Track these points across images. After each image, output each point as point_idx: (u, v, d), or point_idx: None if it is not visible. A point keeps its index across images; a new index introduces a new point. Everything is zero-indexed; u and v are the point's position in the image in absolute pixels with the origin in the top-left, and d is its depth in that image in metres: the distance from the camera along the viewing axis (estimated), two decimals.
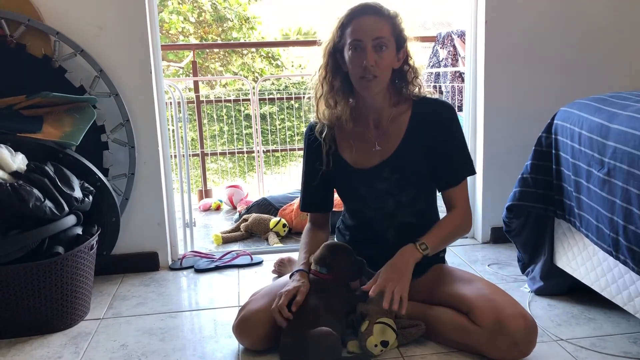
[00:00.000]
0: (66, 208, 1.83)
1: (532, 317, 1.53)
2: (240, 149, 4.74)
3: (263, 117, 5.24)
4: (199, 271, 2.37)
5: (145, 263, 2.38)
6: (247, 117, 4.93)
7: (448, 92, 3.58)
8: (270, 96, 5.16)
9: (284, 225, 2.86)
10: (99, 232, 2.01)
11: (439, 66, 3.70)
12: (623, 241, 1.49)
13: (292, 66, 11.16)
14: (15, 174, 1.80)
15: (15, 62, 2.16)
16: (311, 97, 1.77)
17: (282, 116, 5.75)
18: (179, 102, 2.66)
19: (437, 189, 1.79)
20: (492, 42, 2.43)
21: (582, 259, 1.80)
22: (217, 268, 2.39)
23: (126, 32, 2.22)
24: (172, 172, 2.47)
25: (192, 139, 5.28)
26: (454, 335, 1.59)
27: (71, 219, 1.87)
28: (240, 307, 1.70)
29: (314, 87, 1.75)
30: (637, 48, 2.54)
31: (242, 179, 6.19)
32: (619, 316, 1.79)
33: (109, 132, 2.25)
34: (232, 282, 2.26)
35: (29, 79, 2.17)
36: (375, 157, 1.72)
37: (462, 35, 3.43)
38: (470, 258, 2.42)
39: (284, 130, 5.81)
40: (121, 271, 2.36)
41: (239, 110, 4.84)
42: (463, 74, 3.19)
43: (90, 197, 1.97)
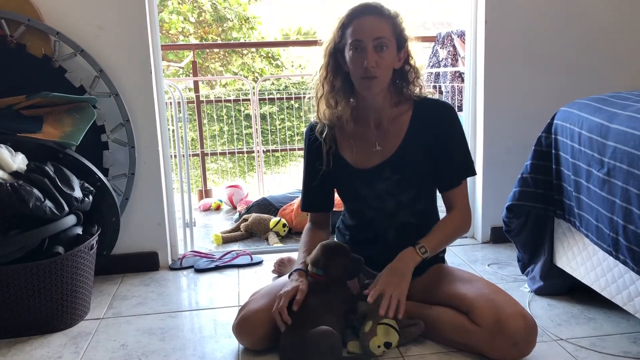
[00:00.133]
0: (66, 208, 1.83)
1: (532, 316, 1.53)
2: (240, 149, 4.74)
3: (263, 117, 5.25)
4: (199, 271, 2.37)
5: (145, 263, 2.38)
6: (247, 117, 4.94)
7: (448, 92, 3.58)
8: (270, 96, 5.16)
9: (284, 225, 2.86)
10: (99, 232, 2.01)
11: (439, 66, 3.71)
12: (623, 241, 1.49)
13: (292, 66, 11.17)
14: (15, 174, 1.80)
15: (15, 62, 2.16)
16: (312, 97, 1.77)
17: (282, 116, 5.75)
18: (179, 102, 2.66)
19: (438, 190, 1.79)
20: (492, 42, 2.43)
21: (582, 258, 1.80)
22: (217, 268, 2.39)
23: (126, 32, 2.22)
24: (172, 172, 2.47)
25: (192, 139, 5.28)
26: (454, 335, 1.59)
27: (71, 219, 1.87)
28: (240, 307, 1.70)
29: (314, 87, 1.75)
30: (637, 48, 2.54)
31: (242, 179, 6.19)
32: (618, 316, 1.79)
33: (109, 132, 2.25)
34: (232, 282, 2.26)
35: (29, 79, 2.18)
36: (376, 157, 1.72)
37: (462, 35, 3.43)
38: (470, 258, 2.42)
39: (283, 130, 5.81)
40: (121, 271, 2.36)
41: (239, 110, 4.84)
42: (463, 74, 3.19)
43: (90, 197, 1.97)
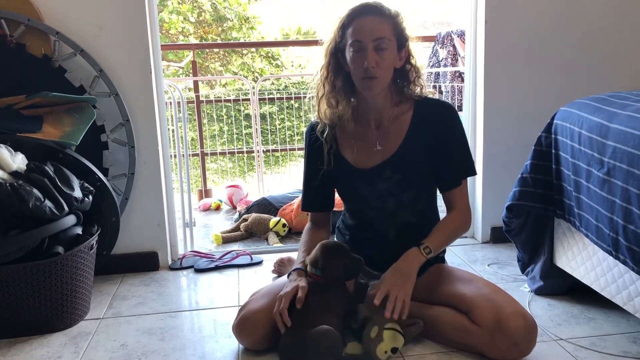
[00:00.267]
0: (66, 208, 1.83)
1: (532, 316, 1.53)
2: (240, 148, 4.74)
3: (263, 117, 5.25)
4: (199, 271, 2.37)
5: (145, 263, 2.38)
6: (247, 117, 4.94)
7: (448, 92, 3.58)
8: (270, 96, 5.17)
9: (284, 225, 2.86)
10: (98, 232, 2.01)
11: (439, 66, 3.71)
12: (623, 241, 1.49)
13: (292, 66, 11.16)
14: (15, 173, 1.80)
15: (15, 61, 2.16)
16: (313, 96, 1.77)
17: (282, 116, 5.75)
18: (178, 102, 2.66)
19: (438, 190, 1.79)
20: (492, 41, 2.43)
21: (582, 258, 1.80)
22: (217, 268, 2.39)
23: (126, 32, 2.22)
24: (172, 172, 2.47)
25: (192, 139, 5.28)
26: (454, 335, 1.59)
27: (71, 219, 1.87)
28: (240, 307, 1.70)
29: (315, 86, 1.75)
30: (637, 48, 2.54)
31: (242, 179, 6.19)
32: (618, 316, 1.79)
33: (108, 132, 2.25)
34: (232, 282, 2.26)
35: (29, 79, 2.17)
36: (377, 156, 1.72)
37: (461, 35, 3.43)
38: (470, 258, 2.42)
39: (283, 130, 5.81)
40: (121, 271, 2.36)
41: (239, 110, 4.84)
42: (463, 73, 3.19)
43: (90, 197, 1.97)
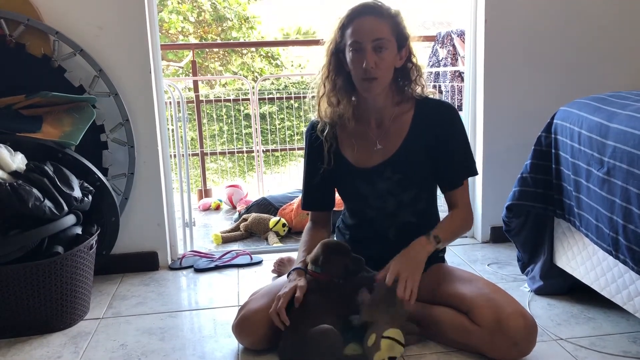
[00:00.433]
0: (65, 208, 1.83)
1: (531, 316, 1.53)
2: (239, 148, 4.73)
3: (263, 116, 5.24)
4: (199, 271, 2.37)
5: (145, 263, 2.37)
6: (247, 116, 4.93)
7: (448, 92, 3.58)
8: (270, 96, 5.17)
9: (284, 225, 2.86)
10: (98, 231, 2.01)
11: (439, 65, 3.70)
12: (623, 240, 1.49)
13: (292, 66, 11.16)
14: (14, 173, 1.80)
15: (15, 61, 2.16)
16: (314, 96, 1.77)
17: (282, 116, 5.75)
18: (178, 102, 2.66)
19: (439, 189, 1.79)
20: (492, 41, 2.43)
21: (582, 258, 1.80)
22: (217, 268, 2.39)
23: (126, 32, 2.22)
24: (171, 172, 2.47)
25: (192, 139, 5.28)
26: (454, 335, 1.59)
27: (71, 219, 1.87)
28: (239, 307, 1.70)
29: (316, 86, 1.75)
30: (637, 47, 2.54)
31: (242, 179, 6.19)
32: (618, 315, 1.79)
33: (108, 132, 2.25)
34: (231, 281, 2.26)
35: (29, 79, 2.17)
36: (377, 156, 1.72)
37: (461, 35, 3.43)
38: (470, 257, 2.42)
39: (283, 130, 5.81)
40: (121, 271, 2.36)
41: (239, 110, 4.84)
42: (463, 73, 3.19)
43: (90, 196, 1.97)
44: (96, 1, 2.19)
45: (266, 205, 3.10)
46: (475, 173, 1.75)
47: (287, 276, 1.68)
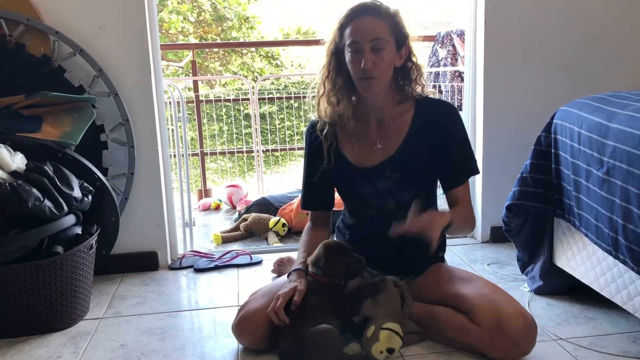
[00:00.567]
0: (65, 208, 1.82)
1: (531, 316, 1.53)
2: (239, 148, 4.73)
3: (262, 116, 5.24)
4: (199, 271, 2.37)
5: (145, 263, 2.37)
6: (247, 116, 4.93)
7: (447, 92, 3.58)
8: (270, 96, 5.16)
9: (284, 225, 2.86)
10: (98, 231, 2.01)
11: (439, 65, 3.70)
12: (622, 240, 1.49)
13: (292, 66, 11.16)
14: (14, 173, 1.80)
15: (15, 61, 2.16)
16: (314, 96, 1.77)
17: (282, 116, 5.75)
18: (178, 102, 2.66)
19: (442, 189, 1.78)
20: (492, 41, 2.43)
21: (582, 258, 1.80)
22: (217, 267, 2.39)
23: (126, 32, 2.22)
24: (171, 172, 2.47)
25: (192, 139, 5.28)
26: (454, 335, 1.59)
27: (70, 219, 1.87)
28: (239, 307, 1.70)
29: (316, 85, 1.75)
30: (637, 47, 2.54)
31: (242, 179, 6.18)
32: (618, 315, 1.79)
33: (108, 132, 2.25)
34: (231, 281, 2.26)
35: (28, 79, 2.17)
36: (377, 155, 1.72)
37: (461, 35, 3.43)
38: (470, 257, 2.42)
39: (283, 130, 5.81)
40: (120, 271, 2.35)
41: (239, 110, 4.84)
42: (462, 73, 3.19)
43: (90, 196, 1.97)
44: (96, 1, 2.19)
45: (266, 205, 3.10)
46: (476, 172, 1.74)
47: (287, 277, 1.68)
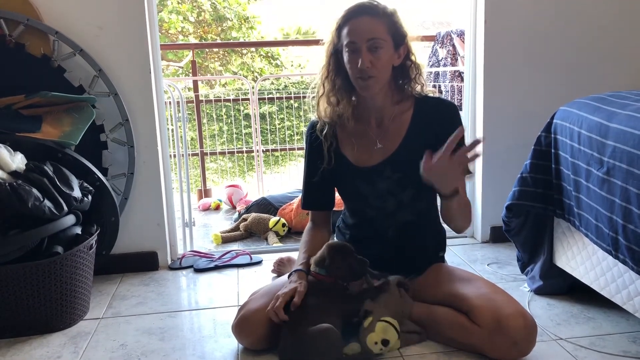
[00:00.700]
0: (65, 208, 1.82)
1: (531, 316, 1.53)
2: (239, 148, 4.73)
3: (262, 116, 5.24)
4: (199, 271, 2.37)
5: (145, 263, 2.37)
6: (247, 116, 4.93)
7: (447, 92, 3.57)
8: (270, 96, 5.16)
9: (284, 225, 2.86)
10: (98, 231, 2.01)
11: (438, 65, 3.70)
12: (622, 240, 1.49)
13: (292, 66, 11.16)
14: (14, 173, 1.80)
15: (14, 61, 2.16)
16: (314, 96, 1.77)
17: (282, 116, 5.75)
18: (178, 102, 2.66)
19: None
20: (492, 41, 2.43)
21: (582, 258, 1.80)
22: (217, 268, 2.39)
23: (126, 32, 2.22)
24: (171, 172, 2.47)
25: (192, 139, 5.28)
26: (454, 335, 1.59)
27: (70, 219, 1.87)
28: (239, 307, 1.70)
29: (316, 86, 1.75)
30: (637, 47, 2.54)
31: (242, 179, 6.18)
32: (618, 315, 1.79)
33: (108, 132, 2.25)
34: (231, 281, 2.26)
35: (28, 79, 2.17)
36: (377, 155, 1.72)
37: (461, 35, 3.42)
38: (470, 257, 2.42)
39: (283, 130, 5.80)
40: (120, 271, 2.35)
41: (239, 110, 4.84)
42: (462, 73, 3.19)
43: (90, 196, 1.97)
44: (96, 1, 2.19)
45: (266, 205, 3.10)
46: (469, 172, 1.72)
47: (288, 277, 1.68)
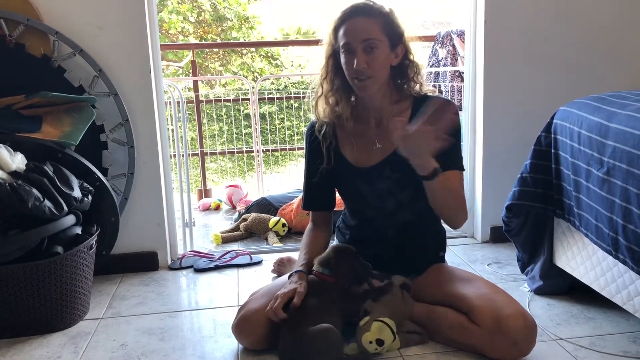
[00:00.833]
0: (65, 208, 1.82)
1: (531, 316, 1.53)
2: (239, 148, 4.73)
3: (262, 116, 5.24)
4: (199, 271, 2.37)
5: (145, 263, 2.37)
6: (247, 116, 4.93)
7: (447, 92, 3.57)
8: (270, 96, 5.16)
9: (284, 225, 2.86)
10: (98, 231, 2.01)
11: (439, 65, 3.70)
12: (622, 240, 1.49)
13: (292, 66, 11.15)
14: (14, 173, 1.80)
15: (14, 61, 2.16)
16: (313, 97, 1.77)
17: (282, 116, 5.75)
18: (178, 102, 2.66)
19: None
20: (492, 41, 2.43)
21: (582, 258, 1.80)
22: (217, 268, 2.39)
23: (126, 32, 2.22)
24: (171, 172, 2.47)
25: (192, 139, 5.27)
26: (454, 335, 1.59)
27: (70, 219, 1.87)
28: (239, 307, 1.70)
29: (315, 87, 1.75)
30: (637, 47, 2.54)
31: (242, 179, 6.18)
32: (618, 315, 1.79)
33: (108, 132, 2.25)
34: (231, 281, 2.26)
35: (28, 79, 2.17)
36: (376, 155, 1.72)
37: (461, 35, 3.42)
38: (470, 257, 2.42)
39: (283, 130, 5.80)
40: (120, 271, 2.35)
41: (239, 110, 4.84)
42: (462, 73, 3.19)
43: (90, 196, 1.97)
44: (96, 1, 2.19)
45: (266, 205, 3.10)
46: (462, 169, 1.70)
47: (288, 278, 1.68)
